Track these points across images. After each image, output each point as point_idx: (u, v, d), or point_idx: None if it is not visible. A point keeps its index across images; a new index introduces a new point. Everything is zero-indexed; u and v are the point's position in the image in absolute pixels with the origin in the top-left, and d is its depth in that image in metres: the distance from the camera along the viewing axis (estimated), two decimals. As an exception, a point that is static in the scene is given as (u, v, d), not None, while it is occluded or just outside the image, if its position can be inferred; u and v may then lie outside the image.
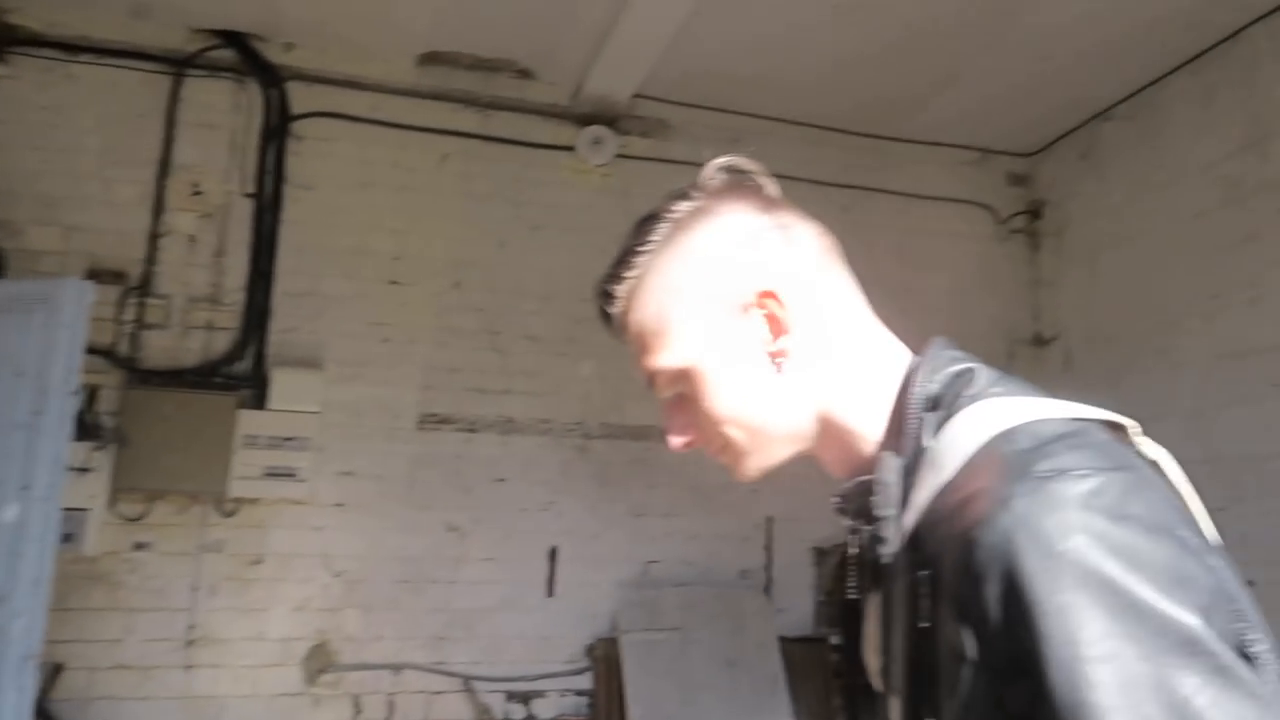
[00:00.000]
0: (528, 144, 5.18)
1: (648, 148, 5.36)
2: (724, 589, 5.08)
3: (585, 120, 5.27)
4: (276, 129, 4.77)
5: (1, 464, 2.72)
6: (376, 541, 4.56)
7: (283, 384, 4.40)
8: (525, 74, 5.20)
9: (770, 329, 1.00)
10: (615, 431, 5.09)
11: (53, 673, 3.85)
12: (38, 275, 4.05)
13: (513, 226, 5.11)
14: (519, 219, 5.13)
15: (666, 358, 1.04)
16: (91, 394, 3.88)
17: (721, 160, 1.10)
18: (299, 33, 4.83)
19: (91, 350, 3.92)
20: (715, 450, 1.06)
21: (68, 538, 3.52)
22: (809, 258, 1.03)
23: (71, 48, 4.49)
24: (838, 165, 5.56)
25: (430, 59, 5.07)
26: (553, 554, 4.86)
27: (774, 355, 1.00)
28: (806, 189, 4.98)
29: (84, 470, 3.74)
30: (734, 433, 1.02)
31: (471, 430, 4.87)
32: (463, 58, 5.11)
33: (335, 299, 4.73)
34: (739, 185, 1.07)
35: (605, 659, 4.79)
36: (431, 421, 4.81)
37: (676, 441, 1.08)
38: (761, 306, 1.00)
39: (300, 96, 4.85)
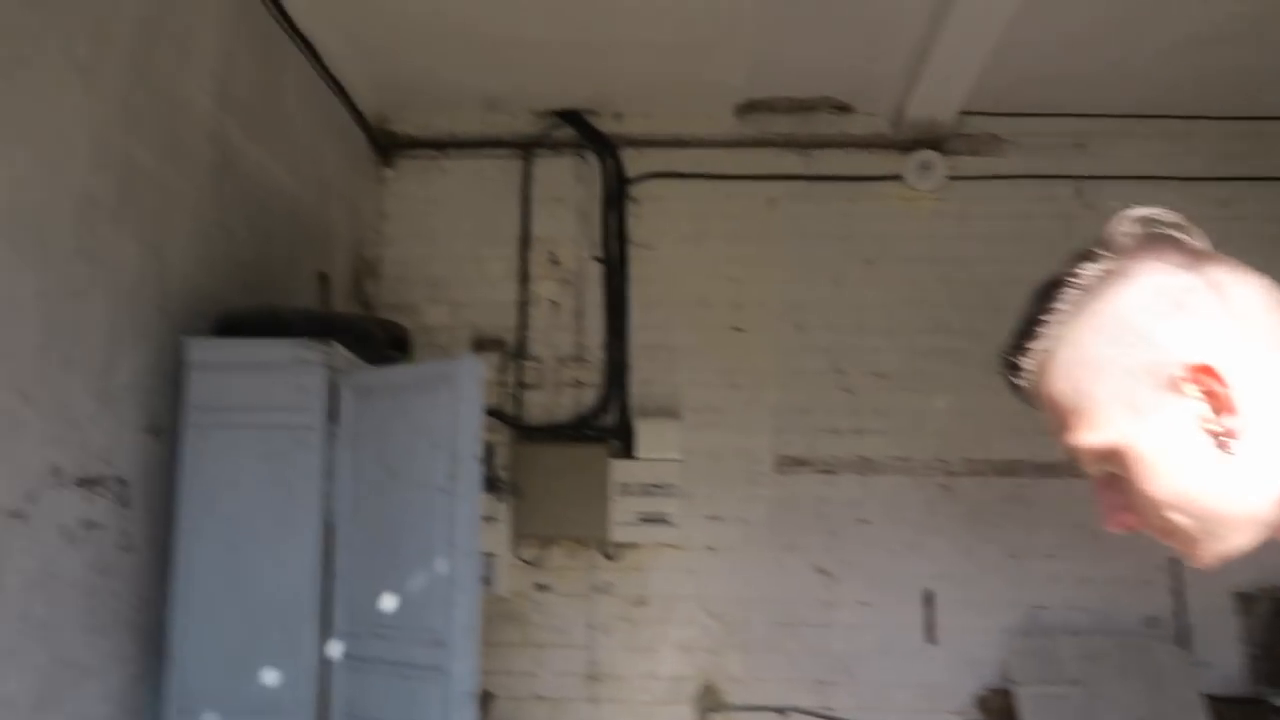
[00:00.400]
0: (853, 178, 5.10)
1: (980, 166, 5.10)
2: (1128, 639, 4.54)
3: (910, 146, 5.11)
4: (615, 194, 5.03)
5: (430, 524, 2.96)
6: (748, 584, 4.56)
7: (646, 434, 4.55)
8: (844, 108, 5.15)
9: (1211, 405, 0.84)
10: (981, 468, 4.77)
11: (485, 702, 4.17)
12: (433, 348, 4.51)
13: (847, 263, 5.01)
14: (852, 254, 5.03)
15: (1089, 437, 0.90)
16: (489, 451, 4.21)
17: (1130, 213, 0.93)
18: (626, 103, 5.09)
19: (486, 412, 4.27)
20: (1161, 535, 0.91)
21: (484, 581, 3.79)
22: (1251, 319, 0.85)
23: (441, 145, 5.02)
24: (1208, 156, 4.98)
25: (748, 108, 5.16)
26: (928, 598, 4.58)
27: (1218, 435, 0.84)
28: (1174, 189, 4.52)
29: (490, 519, 4.05)
30: (1180, 519, 0.87)
31: (829, 471, 4.76)
32: (779, 102, 5.15)
33: (685, 350, 4.84)
34: (1154, 240, 0.91)
35: (1000, 712, 4.40)
36: (789, 464, 4.75)
37: (1114, 526, 0.94)
38: (1197, 382, 0.83)
39: (633, 161, 5.08)
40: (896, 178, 5.10)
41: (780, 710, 4.41)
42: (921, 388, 4.82)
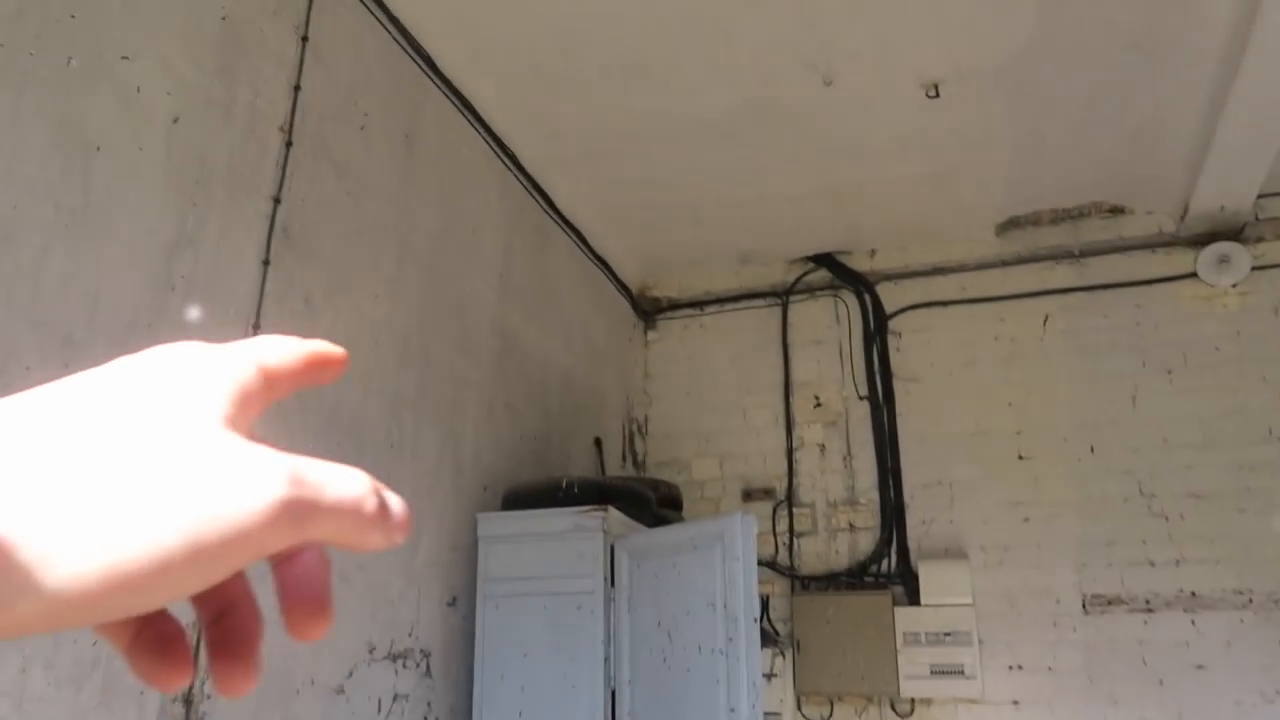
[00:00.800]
0: (1138, 283, 4.72)
1: (1290, 251, 4.56)
2: None
3: (1202, 240, 4.67)
4: (875, 330, 4.97)
5: (708, 688, 2.93)
6: (1069, 746, 4.05)
7: (931, 577, 4.29)
8: (1117, 210, 4.83)
9: None
10: (1344, 597, 4.04)
11: None
12: (704, 501, 4.58)
13: (1142, 375, 4.58)
14: (1148, 365, 4.59)
15: None
16: (765, 604, 4.16)
17: None
18: (879, 239, 5.08)
19: (758, 562, 4.25)
20: None
21: None
22: None
23: (699, 303, 5.25)
24: None
25: (1010, 225, 4.97)
26: (1298, 760, 3.86)
27: None
28: None
29: (770, 676, 3.95)
30: None
31: (1148, 610, 4.22)
32: (1043, 215, 4.92)
33: (965, 484, 4.58)
34: None
35: None
36: (1098, 603, 4.27)
37: None
38: None
39: (890, 295, 5.02)
40: (1190, 276, 4.66)
41: None
42: (1250, 507, 4.22)
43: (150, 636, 0.28)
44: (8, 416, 0.24)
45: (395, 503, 0.29)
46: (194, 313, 2.12)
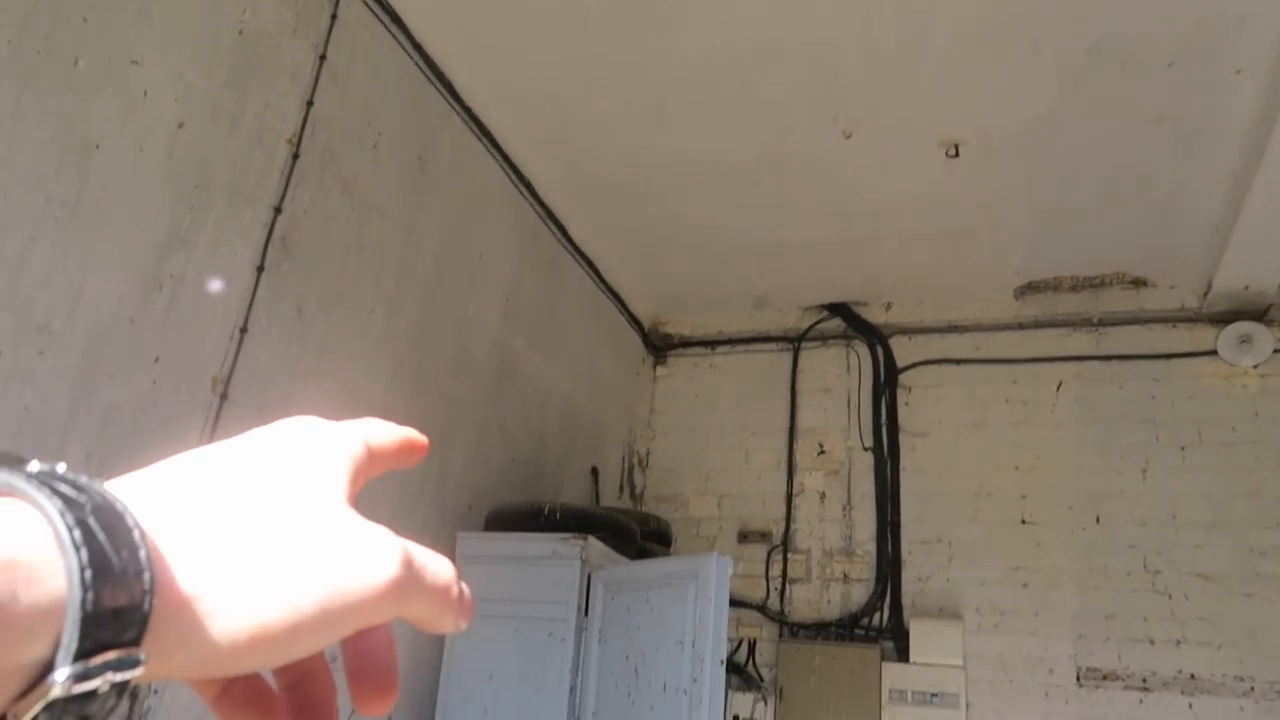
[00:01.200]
0: (1156, 356, 4.65)
1: (1315, 336, 4.47)
2: None
3: (1224, 319, 4.60)
4: (885, 383, 4.94)
5: None
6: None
7: (922, 635, 4.21)
8: (1139, 282, 4.78)
9: None
10: (1350, 693, 3.90)
11: None
12: (699, 539, 4.56)
13: (1154, 449, 4.49)
14: (1161, 439, 4.50)
15: None
16: (751, 648, 4.12)
17: None
18: (896, 293, 5.07)
19: (747, 605, 4.22)
20: None
21: None
22: None
23: (711, 343, 5.26)
24: None
25: (1029, 289, 4.94)
26: None
27: None
28: None
29: None
30: None
31: (1145, 689, 4.11)
32: (1064, 281, 4.88)
33: (965, 544, 4.51)
34: None
35: None
36: (1094, 677, 4.17)
37: None
38: None
39: (903, 349, 5.00)
40: (1210, 353, 4.58)
41: None
42: (1262, 593, 4.11)
43: (237, 692, 0.31)
44: (174, 486, 0.27)
45: (467, 591, 0.32)
46: (181, 309, 2.19)
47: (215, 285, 2.29)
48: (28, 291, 1.83)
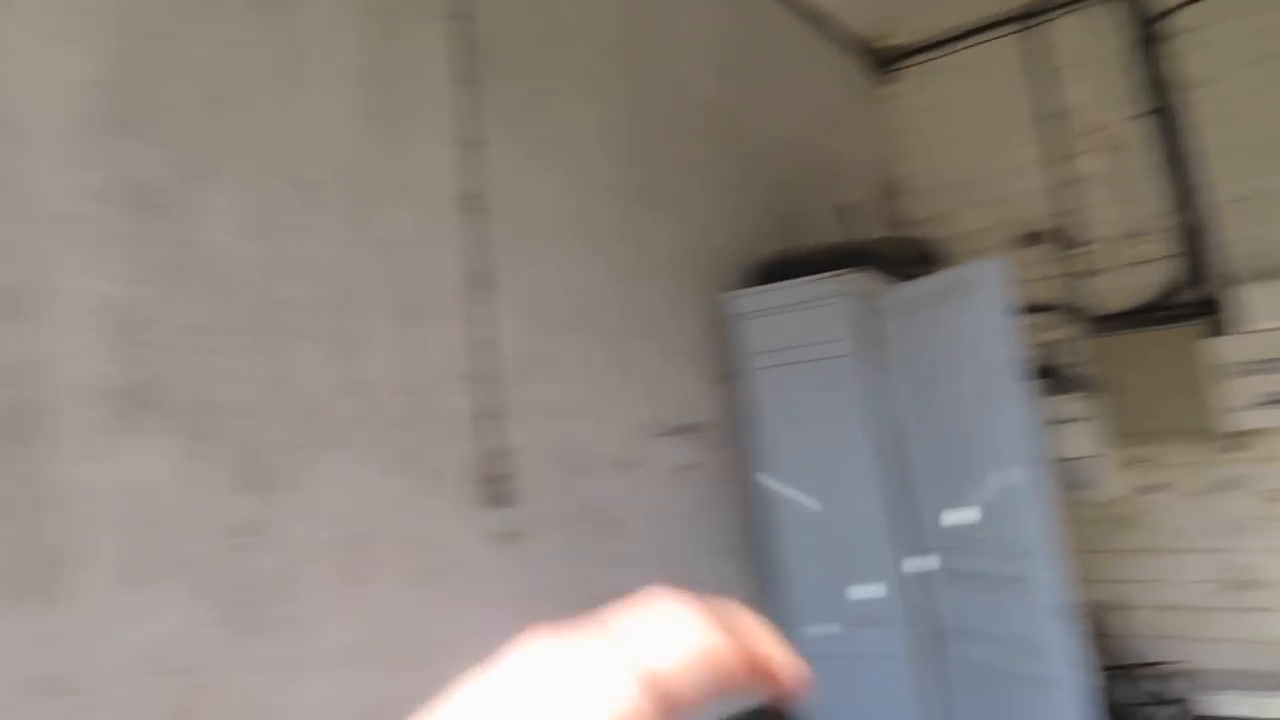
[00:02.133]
0: None
1: None
2: None
3: None
4: (1143, 37, 4.29)
5: (990, 433, 2.82)
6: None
7: (1251, 301, 3.79)
8: None
9: None
10: None
11: (1097, 612, 4.00)
12: (976, 253, 4.29)
13: None
14: None
15: None
16: (1059, 350, 4.06)
17: None
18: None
19: (1046, 309, 4.06)
20: None
21: (1083, 485, 3.80)
22: None
23: (938, 44, 4.80)
24: None
25: None
26: None
27: None
28: None
29: (1079, 420, 3.89)
30: None
31: None
32: None
33: (1277, 194, 3.94)
34: None
35: None
36: None
37: None
38: None
39: (1159, -7, 4.29)
40: None
41: None
42: None
43: None
44: None
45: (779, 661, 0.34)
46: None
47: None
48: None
